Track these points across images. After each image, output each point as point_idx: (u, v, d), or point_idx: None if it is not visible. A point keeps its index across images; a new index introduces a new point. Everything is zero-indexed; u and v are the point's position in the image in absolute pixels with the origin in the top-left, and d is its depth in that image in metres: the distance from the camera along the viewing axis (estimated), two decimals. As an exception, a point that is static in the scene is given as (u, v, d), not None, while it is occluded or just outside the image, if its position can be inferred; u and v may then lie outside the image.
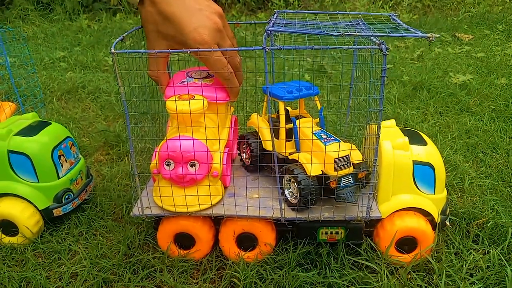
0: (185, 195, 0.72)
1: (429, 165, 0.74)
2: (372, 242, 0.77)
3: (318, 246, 0.77)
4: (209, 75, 0.80)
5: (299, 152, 0.76)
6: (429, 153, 0.75)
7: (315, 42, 0.64)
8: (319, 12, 0.80)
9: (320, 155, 0.71)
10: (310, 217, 0.73)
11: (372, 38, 0.66)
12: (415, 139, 0.78)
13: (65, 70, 1.90)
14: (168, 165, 0.71)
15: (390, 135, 0.77)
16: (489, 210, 0.89)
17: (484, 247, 0.80)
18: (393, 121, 0.83)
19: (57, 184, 0.84)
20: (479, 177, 1.03)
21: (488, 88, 1.55)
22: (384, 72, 0.62)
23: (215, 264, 0.77)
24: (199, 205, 0.73)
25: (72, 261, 0.78)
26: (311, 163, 0.71)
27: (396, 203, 0.75)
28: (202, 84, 0.76)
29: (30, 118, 0.90)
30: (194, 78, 0.78)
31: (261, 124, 0.80)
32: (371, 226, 0.77)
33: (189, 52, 0.64)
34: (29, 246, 0.81)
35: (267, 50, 0.62)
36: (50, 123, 0.88)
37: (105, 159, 1.15)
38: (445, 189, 0.78)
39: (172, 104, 0.70)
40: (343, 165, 0.71)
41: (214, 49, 0.68)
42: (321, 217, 0.73)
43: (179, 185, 0.72)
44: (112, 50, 0.63)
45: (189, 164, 0.71)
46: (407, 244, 0.75)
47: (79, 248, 0.81)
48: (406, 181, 0.74)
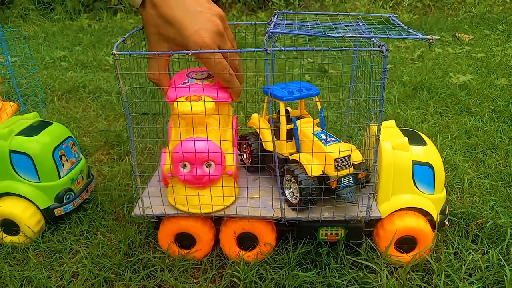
0: (211, 196, 0.73)
1: (429, 165, 0.75)
2: (372, 242, 0.78)
3: (318, 246, 0.77)
4: (210, 75, 0.80)
5: (300, 152, 0.76)
6: (429, 153, 0.76)
7: (316, 43, 0.65)
8: (320, 13, 0.81)
9: (320, 155, 0.72)
10: (310, 217, 0.73)
11: (373, 39, 0.66)
12: (414, 139, 0.78)
13: (65, 69, 1.90)
14: (183, 167, 0.72)
15: (390, 136, 0.77)
16: (488, 211, 0.90)
17: (483, 247, 0.80)
18: (393, 122, 0.83)
19: (58, 183, 0.85)
20: (479, 178, 1.03)
21: (488, 89, 1.56)
22: (385, 74, 0.62)
23: (215, 264, 0.77)
24: (223, 203, 0.74)
25: (73, 261, 0.78)
26: (311, 164, 0.71)
27: (396, 203, 0.76)
28: (204, 84, 0.76)
29: (31, 118, 0.90)
30: (195, 79, 0.78)
31: (261, 125, 0.80)
32: (371, 225, 0.78)
33: (190, 53, 0.65)
34: (30, 245, 0.82)
35: (268, 51, 0.62)
36: (52, 123, 0.89)
37: (105, 159, 1.16)
38: (445, 189, 0.78)
39: (185, 106, 0.68)
40: (344, 165, 0.71)
41: (214, 51, 0.68)
42: (321, 217, 0.73)
43: (195, 186, 0.73)
44: (114, 51, 0.63)
45: (205, 164, 0.72)
46: (406, 243, 0.76)
47: (80, 247, 0.81)
48: (406, 181, 0.75)
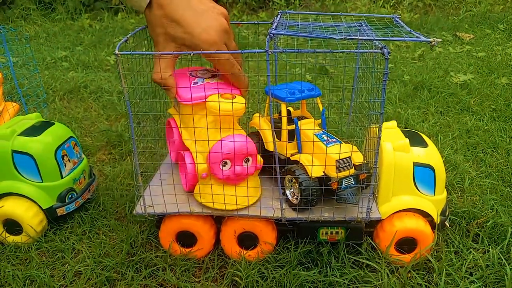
0: (247, 188, 0.74)
1: (429, 166, 0.75)
2: (373, 242, 0.78)
3: (319, 245, 0.78)
4: (213, 74, 0.80)
5: (301, 153, 0.76)
6: (430, 154, 0.76)
7: (318, 43, 0.65)
8: (322, 14, 0.81)
9: (321, 156, 0.72)
10: (311, 217, 0.73)
11: (375, 41, 0.66)
12: (415, 140, 0.78)
13: (67, 69, 1.90)
14: (224, 165, 0.72)
15: (391, 137, 0.77)
16: (489, 210, 0.90)
17: (484, 246, 0.80)
18: (394, 122, 0.83)
19: (60, 183, 0.85)
20: (479, 177, 1.04)
21: (489, 88, 1.56)
22: (386, 76, 0.62)
23: (217, 263, 0.77)
24: (255, 196, 0.77)
25: (75, 260, 0.79)
26: (312, 165, 0.72)
27: (396, 204, 0.76)
28: (218, 83, 0.76)
29: (33, 118, 0.91)
30: (204, 78, 0.78)
31: (263, 125, 0.81)
32: (371, 226, 0.78)
33: (192, 54, 0.65)
34: (33, 245, 0.82)
35: (270, 53, 0.62)
36: (54, 123, 0.89)
37: (107, 159, 1.16)
38: (445, 190, 0.78)
39: (226, 105, 0.69)
40: (345, 166, 0.72)
41: (218, 52, 0.68)
42: (321, 218, 0.73)
43: (233, 183, 0.74)
44: (116, 51, 0.63)
45: (244, 160, 0.73)
46: (406, 244, 0.76)
47: (83, 247, 0.82)
48: (406, 182, 0.75)
